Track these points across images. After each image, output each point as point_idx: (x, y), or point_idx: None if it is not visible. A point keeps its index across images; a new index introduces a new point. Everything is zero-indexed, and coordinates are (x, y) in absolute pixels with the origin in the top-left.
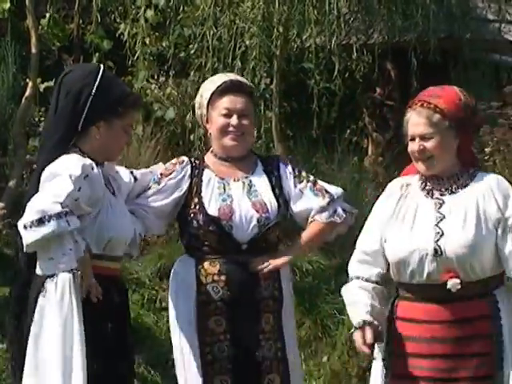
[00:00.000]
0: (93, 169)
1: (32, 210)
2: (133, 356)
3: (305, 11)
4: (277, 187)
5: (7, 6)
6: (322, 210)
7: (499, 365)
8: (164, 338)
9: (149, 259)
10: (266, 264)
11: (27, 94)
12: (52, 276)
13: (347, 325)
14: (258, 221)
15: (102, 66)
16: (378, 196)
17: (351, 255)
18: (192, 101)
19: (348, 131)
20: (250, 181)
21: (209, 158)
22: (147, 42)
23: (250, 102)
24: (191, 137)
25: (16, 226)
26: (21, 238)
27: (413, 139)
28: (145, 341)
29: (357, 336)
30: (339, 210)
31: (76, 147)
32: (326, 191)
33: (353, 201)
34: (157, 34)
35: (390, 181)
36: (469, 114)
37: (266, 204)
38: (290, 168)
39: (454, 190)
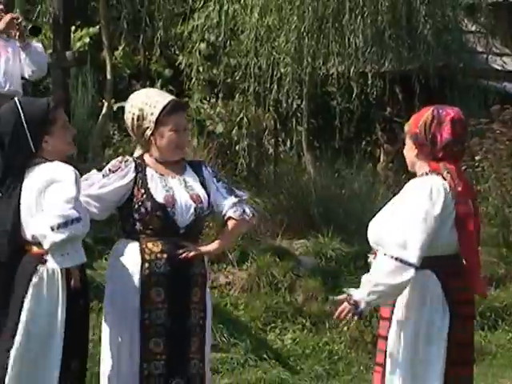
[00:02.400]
0: (78, 175)
1: (55, 214)
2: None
3: (329, 45)
4: (203, 186)
5: (87, 40)
6: (233, 206)
7: None
8: None
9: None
10: (186, 250)
11: (103, 112)
12: (44, 263)
13: None
14: (195, 209)
15: (16, 100)
16: (389, 195)
17: (368, 243)
18: (237, 118)
19: (364, 143)
20: (184, 178)
21: (147, 159)
22: (201, 70)
23: (185, 116)
24: (236, 147)
25: None
26: None
27: None
28: None
29: None
30: (247, 210)
31: (39, 157)
32: (236, 193)
33: (367, 199)
34: (208, 63)
35: (399, 183)
36: (423, 132)
37: (200, 196)
38: (209, 170)
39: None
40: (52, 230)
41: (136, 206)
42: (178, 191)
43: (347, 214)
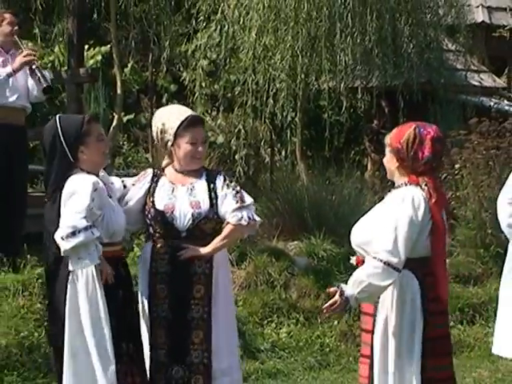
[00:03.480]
0: (99, 183)
1: (65, 225)
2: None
3: (321, 62)
4: (213, 192)
5: (99, 58)
6: (233, 212)
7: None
8: None
9: None
10: (186, 252)
11: (114, 124)
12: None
13: None
14: (192, 215)
15: (57, 116)
16: (376, 200)
17: None
18: (236, 130)
19: (352, 152)
20: (194, 186)
21: (168, 170)
22: (203, 86)
23: (204, 130)
24: (236, 156)
25: None
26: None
27: None
28: None
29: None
30: (245, 216)
31: (77, 168)
32: (242, 199)
33: (356, 204)
34: (210, 79)
35: (385, 189)
36: (404, 148)
37: (199, 203)
38: (222, 178)
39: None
40: (62, 239)
41: (146, 213)
42: (181, 199)
43: (337, 217)
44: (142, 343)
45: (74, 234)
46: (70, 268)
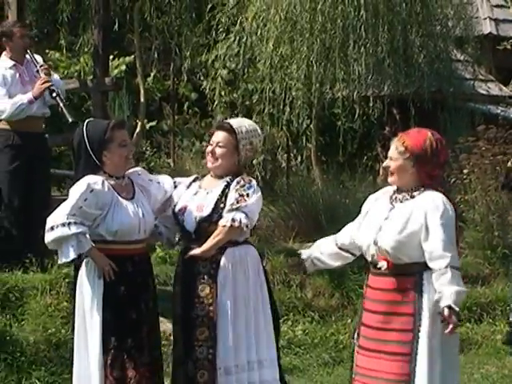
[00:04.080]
0: (96, 184)
1: (49, 220)
2: (144, 307)
3: (335, 72)
4: (224, 196)
5: (123, 68)
6: (226, 213)
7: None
8: None
9: None
10: (189, 253)
11: (137, 130)
12: (86, 258)
13: None
14: (195, 217)
15: (86, 121)
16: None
17: None
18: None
19: (365, 158)
20: (212, 190)
21: (207, 176)
22: (222, 94)
23: (230, 136)
24: (253, 162)
25: None
26: None
27: (387, 158)
28: None
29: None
30: (236, 217)
31: (101, 170)
32: (239, 201)
33: None
34: (229, 88)
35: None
36: (428, 153)
37: (203, 205)
38: (236, 182)
39: (404, 200)
40: (45, 233)
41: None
42: (193, 201)
43: (351, 220)
44: (150, 339)
45: (52, 228)
46: (59, 261)
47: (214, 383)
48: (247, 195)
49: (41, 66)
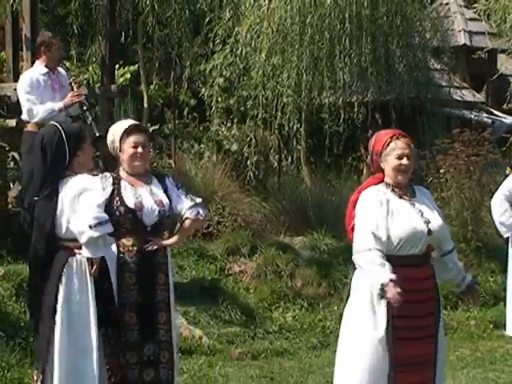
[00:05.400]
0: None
1: (92, 216)
2: None
3: (322, 80)
4: (166, 193)
5: (128, 76)
6: (190, 208)
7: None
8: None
9: (219, 242)
10: (152, 244)
11: None
12: (74, 255)
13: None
14: (159, 212)
15: (54, 123)
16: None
17: None
18: (248, 139)
19: (350, 158)
20: (151, 187)
21: (122, 174)
22: (219, 100)
23: (146, 136)
24: (247, 162)
25: None
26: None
27: (401, 158)
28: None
29: (391, 288)
30: (201, 212)
31: (70, 171)
32: (192, 197)
33: None
34: (225, 94)
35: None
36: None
37: (163, 201)
38: (171, 180)
39: (413, 195)
40: (90, 228)
41: (113, 211)
42: (146, 198)
43: (337, 216)
44: (119, 327)
45: (100, 224)
46: (88, 255)
47: (172, 362)
48: (187, 191)
49: (73, 80)
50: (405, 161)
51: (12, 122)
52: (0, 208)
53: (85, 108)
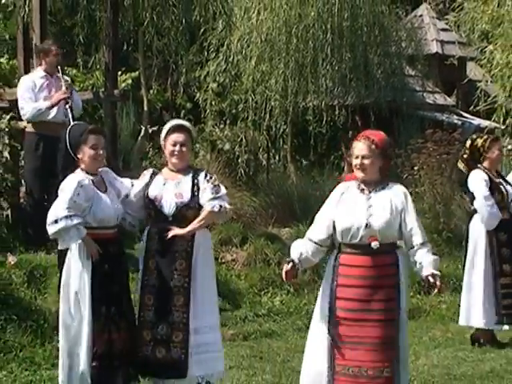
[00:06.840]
0: (85, 181)
1: (50, 215)
2: (126, 282)
3: (307, 85)
4: (196, 186)
5: (130, 82)
6: (209, 201)
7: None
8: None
9: (213, 233)
10: (171, 233)
11: (141, 134)
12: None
13: None
14: (176, 203)
15: (68, 128)
16: None
17: None
18: (239, 139)
19: (332, 157)
20: (181, 181)
21: (165, 169)
22: (213, 104)
23: (187, 136)
24: (239, 160)
25: None
26: None
27: (357, 157)
28: None
29: (284, 266)
30: (217, 205)
31: (78, 168)
32: (218, 191)
33: None
34: (219, 98)
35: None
36: (387, 149)
37: (182, 193)
38: (204, 175)
39: (377, 191)
40: (48, 225)
41: (145, 202)
42: (168, 191)
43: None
44: (127, 307)
45: (56, 221)
46: (59, 247)
47: (186, 342)
48: (219, 186)
49: (66, 81)
50: (358, 160)
51: (23, 124)
52: (12, 202)
53: (67, 106)
